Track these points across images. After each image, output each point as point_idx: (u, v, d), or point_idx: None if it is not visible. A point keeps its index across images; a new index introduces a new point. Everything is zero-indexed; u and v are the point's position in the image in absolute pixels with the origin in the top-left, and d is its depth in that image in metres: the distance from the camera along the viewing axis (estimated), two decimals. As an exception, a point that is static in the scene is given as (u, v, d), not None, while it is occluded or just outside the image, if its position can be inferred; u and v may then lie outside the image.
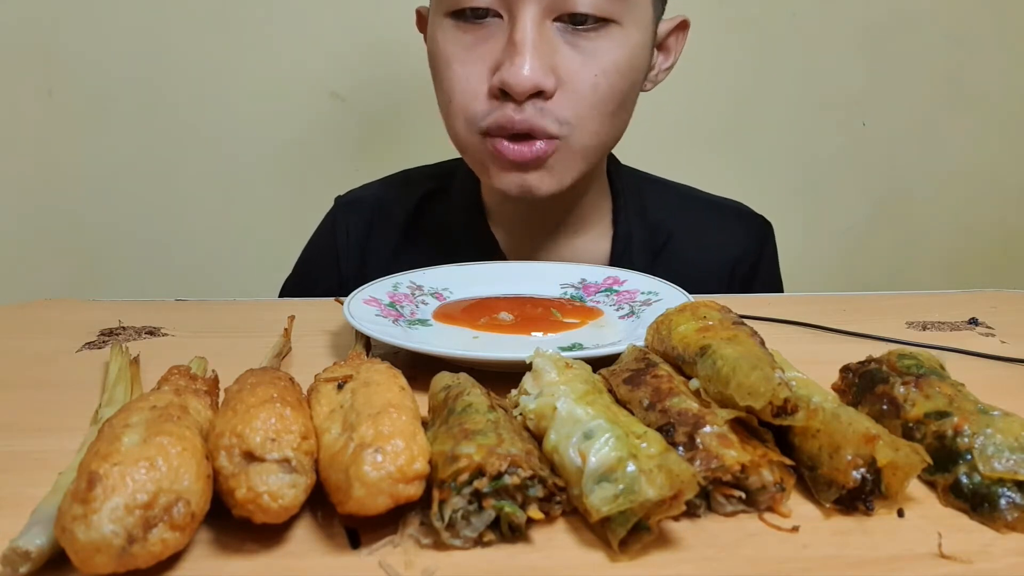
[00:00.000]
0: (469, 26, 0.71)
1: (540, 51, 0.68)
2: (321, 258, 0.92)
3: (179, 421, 0.35)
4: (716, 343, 0.43)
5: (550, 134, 0.70)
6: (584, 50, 0.70)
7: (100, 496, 0.30)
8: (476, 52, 0.71)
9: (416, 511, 0.35)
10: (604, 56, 0.70)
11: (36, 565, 0.32)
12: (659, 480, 0.33)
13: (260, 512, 0.33)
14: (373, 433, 0.34)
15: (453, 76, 0.72)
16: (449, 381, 0.44)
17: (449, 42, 0.72)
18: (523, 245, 0.85)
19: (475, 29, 0.71)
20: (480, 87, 0.71)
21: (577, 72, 0.69)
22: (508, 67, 0.67)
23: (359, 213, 0.90)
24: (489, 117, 0.71)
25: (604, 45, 0.70)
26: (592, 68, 0.70)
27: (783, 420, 0.38)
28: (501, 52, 0.69)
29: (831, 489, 0.37)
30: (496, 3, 0.69)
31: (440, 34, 0.73)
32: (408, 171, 0.96)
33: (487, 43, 0.70)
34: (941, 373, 0.45)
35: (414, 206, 0.90)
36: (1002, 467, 0.37)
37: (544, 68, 0.68)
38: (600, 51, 0.70)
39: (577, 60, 0.69)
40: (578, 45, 0.70)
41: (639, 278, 0.68)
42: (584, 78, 0.70)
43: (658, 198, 0.90)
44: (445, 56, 0.72)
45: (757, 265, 0.91)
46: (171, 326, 0.65)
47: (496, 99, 0.70)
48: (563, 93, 0.70)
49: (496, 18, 0.70)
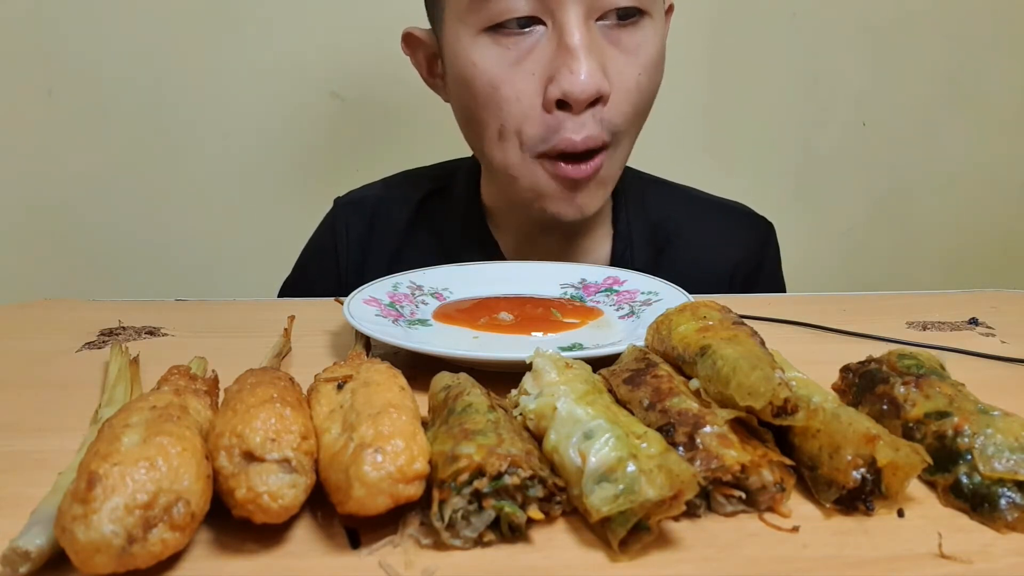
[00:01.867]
0: (511, 39, 0.67)
1: (594, 53, 0.65)
2: (320, 258, 0.91)
3: (179, 421, 0.35)
4: (716, 343, 0.43)
5: (605, 143, 0.69)
6: (626, 48, 0.68)
7: (100, 496, 0.30)
8: (523, 67, 0.67)
9: (416, 511, 0.35)
10: (643, 52, 0.69)
11: (36, 565, 0.32)
12: (659, 480, 0.33)
13: (260, 512, 0.33)
14: (373, 433, 0.34)
15: (503, 100, 0.68)
16: (449, 381, 0.44)
17: (491, 62, 0.67)
18: (523, 246, 0.85)
19: (517, 42, 0.67)
20: (533, 104, 0.67)
21: (623, 72, 0.68)
22: (567, 75, 0.64)
23: (359, 214, 0.90)
24: (548, 143, 0.68)
25: (641, 39, 0.69)
26: (635, 67, 0.69)
27: (783, 420, 0.38)
28: (550, 62, 0.66)
29: (831, 489, 0.37)
30: (538, 8, 0.66)
31: (477, 55, 0.68)
32: (408, 172, 0.95)
33: (533, 55, 0.67)
34: (941, 373, 0.45)
35: (414, 207, 0.89)
36: (1002, 467, 0.37)
37: (599, 70, 0.66)
38: (640, 47, 0.69)
39: (621, 60, 0.68)
40: (620, 43, 0.68)
41: (639, 278, 0.68)
42: (630, 78, 0.68)
43: (659, 199, 0.90)
44: (488, 78, 0.67)
45: (760, 267, 0.90)
46: (171, 326, 0.65)
47: (551, 114, 0.67)
48: (614, 96, 0.68)
49: (539, 26, 0.67)
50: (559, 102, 0.66)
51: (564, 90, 0.65)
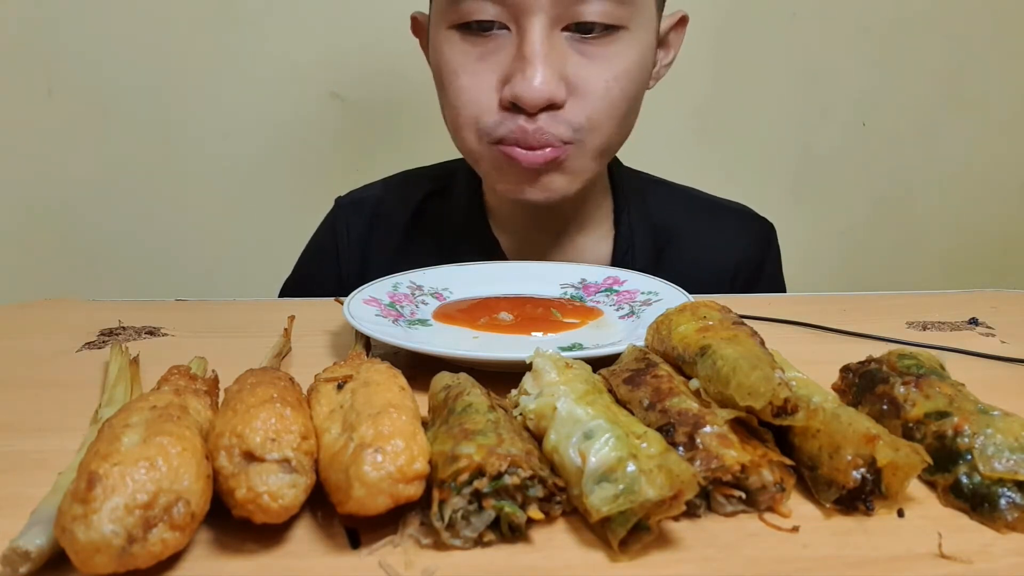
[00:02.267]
0: (476, 39, 0.70)
1: (551, 62, 0.67)
2: (321, 259, 0.91)
3: (179, 421, 0.35)
4: (716, 343, 0.43)
5: (564, 140, 0.70)
6: (594, 57, 0.69)
7: (100, 496, 0.30)
8: (484, 64, 0.70)
9: (416, 511, 0.35)
10: (615, 62, 0.69)
11: (36, 565, 0.32)
12: (659, 480, 0.33)
13: (260, 512, 0.33)
14: (373, 433, 0.34)
15: (461, 88, 0.71)
16: (449, 381, 0.44)
17: (456, 54, 0.71)
18: (524, 246, 0.85)
19: (482, 42, 0.69)
20: (490, 98, 0.70)
21: (588, 79, 0.69)
22: (520, 80, 0.66)
23: (360, 214, 0.90)
24: (501, 128, 0.70)
25: (614, 51, 0.69)
26: (604, 74, 0.69)
27: (783, 420, 0.38)
28: (510, 64, 0.68)
29: (831, 489, 0.37)
30: (503, 15, 0.68)
31: (446, 46, 0.71)
32: (408, 172, 0.95)
33: (495, 55, 0.69)
34: (941, 373, 0.45)
35: (415, 207, 0.89)
36: (1002, 467, 0.37)
37: (555, 79, 0.67)
38: (611, 57, 0.69)
39: (588, 67, 0.69)
40: (588, 53, 0.69)
41: (639, 278, 0.68)
42: (596, 85, 0.69)
43: (660, 199, 0.90)
44: (452, 68, 0.71)
45: (761, 268, 0.91)
46: (171, 326, 0.65)
47: (507, 111, 0.69)
48: (575, 100, 0.69)
49: (503, 30, 0.69)
50: (513, 104, 0.68)
51: (516, 93, 0.67)
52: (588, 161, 0.73)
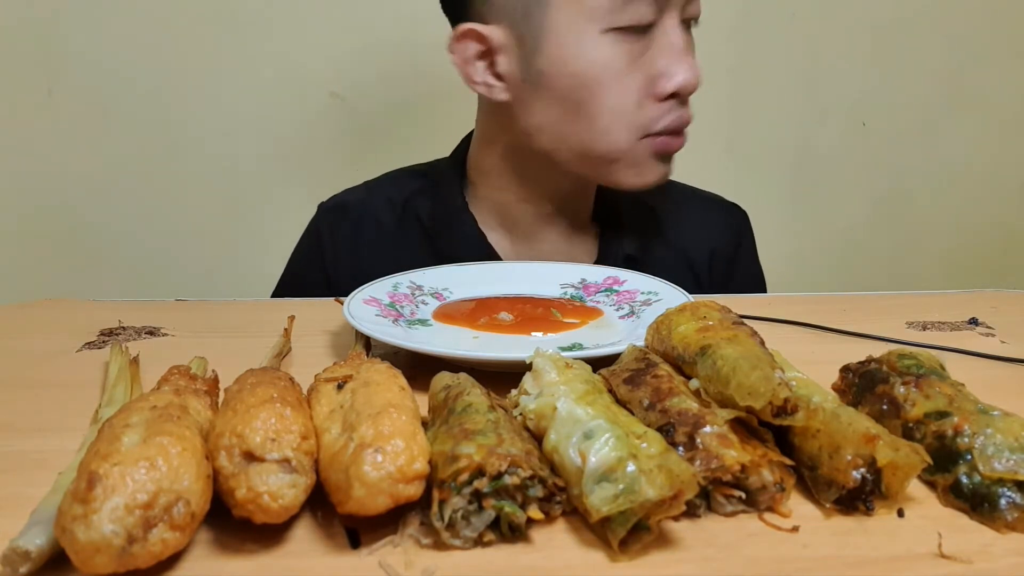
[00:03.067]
0: (634, 38, 0.75)
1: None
2: (308, 264, 0.92)
3: (179, 421, 0.35)
4: (716, 343, 0.43)
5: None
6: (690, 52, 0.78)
7: (100, 496, 0.30)
8: (639, 63, 0.75)
9: (416, 511, 0.35)
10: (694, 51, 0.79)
11: (36, 565, 0.32)
12: (659, 480, 0.33)
13: (260, 512, 0.33)
14: (373, 433, 0.34)
15: (622, 88, 0.75)
16: (449, 381, 0.44)
17: (613, 57, 0.75)
18: (511, 240, 0.86)
19: (638, 40, 0.75)
20: (645, 96, 0.75)
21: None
22: (684, 71, 0.74)
23: (344, 217, 0.91)
24: (663, 121, 0.76)
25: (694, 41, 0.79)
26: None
27: (783, 420, 0.38)
28: (660, 59, 0.75)
29: (831, 489, 0.37)
30: (655, 15, 0.74)
31: (598, 51, 0.75)
32: (390, 173, 0.96)
33: (647, 53, 0.75)
34: (941, 373, 0.45)
35: (401, 206, 0.90)
36: (1002, 467, 0.37)
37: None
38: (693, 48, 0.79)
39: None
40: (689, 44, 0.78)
41: (639, 278, 0.68)
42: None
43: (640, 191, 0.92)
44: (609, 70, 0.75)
45: (736, 253, 0.93)
46: (171, 326, 0.65)
47: (663, 103, 0.76)
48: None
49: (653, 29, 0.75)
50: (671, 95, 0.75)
51: (679, 84, 0.75)
52: None
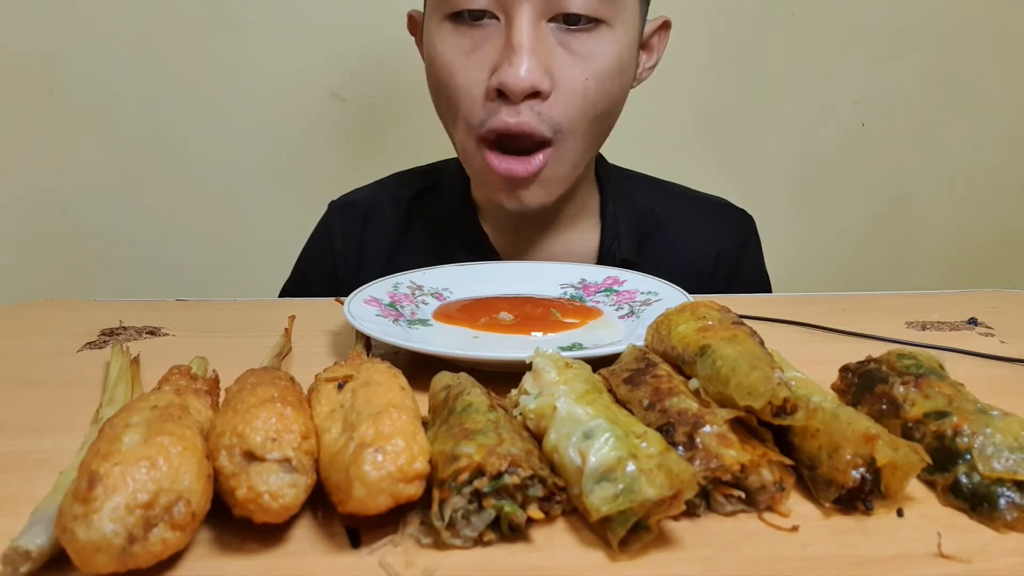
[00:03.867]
0: (467, 29, 0.72)
1: (537, 52, 0.69)
2: (318, 262, 0.92)
3: (180, 421, 0.35)
4: (716, 343, 0.43)
5: (545, 139, 0.71)
6: (577, 52, 0.71)
7: (101, 496, 0.30)
8: (474, 57, 0.71)
9: (416, 511, 0.35)
10: (595, 59, 0.71)
11: (36, 565, 0.32)
12: (659, 480, 0.33)
13: (260, 512, 0.33)
14: (373, 433, 0.34)
15: (455, 85, 0.73)
16: (449, 381, 0.44)
17: (448, 47, 0.73)
18: (513, 241, 0.86)
19: (473, 32, 0.71)
20: (479, 92, 0.72)
21: (569, 75, 0.71)
22: (506, 68, 0.68)
23: (353, 216, 0.91)
24: (486, 124, 0.71)
25: (595, 47, 0.71)
26: (583, 71, 0.71)
27: (783, 420, 0.38)
28: (499, 54, 0.70)
29: (831, 489, 0.37)
30: (492, 4, 0.70)
31: (438, 40, 0.73)
32: (398, 173, 0.97)
33: (485, 46, 0.71)
34: (941, 373, 0.45)
35: (405, 207, 0.91)
36: (1001, 467, 0.37)
37: (540, 68, 0.69)
38: (592, 54, 0.71)
39: (569, 62, 0.71)
40: (571, 47, 0.71)
41: (639, 278, 0.68)
42: (576, 81, 0.71)
43: (643, 194, 0.92)
44: (444, 63, 0.73)
45: (741, 257, 0.93)
46: (171, 326, 0.65)
47: (492, 101, 0.71)
48: (556, 95, 0.71)
49: (493, 20, 0.71)
50: (499, 92, 0.70)
51: (501, 80, 0.69)
52: (565, 172, 0.75)
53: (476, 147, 0.74)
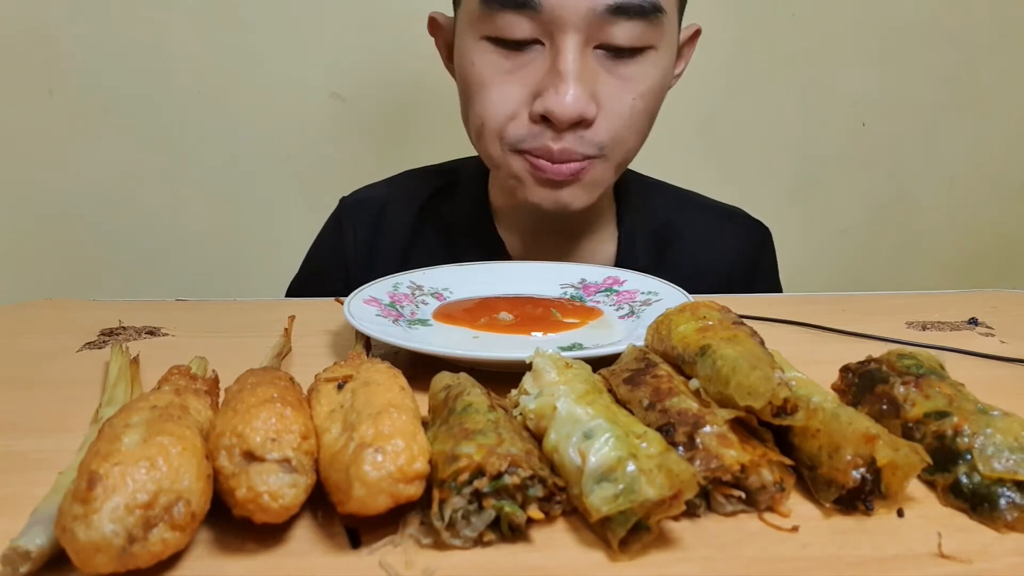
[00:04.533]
0: (509, 52, 0.70)
1: (583, 79, 0.67)
2: (328, 259, 0.91)
3: (179, 421, 0.35)
4: (716, 343, 0.43)
5: (588, 156, 0.71)
6: (623, 76, 0.70)
7: (100, 496, 0.30)
8: (515, 76, 0.70)
9: (416, 511, 0.35)
10: (641, 80, 0.71)
11: (36, 565, 0.32)
12: (659, 480, 0.33)
13: (260, 512, 0.33)
14: (373, 433, 0.34)
15: (489, 98, 0.71)
16: (449, 381, 0.44)
17: (487, 65, 0.70)
18: (530, 247, 0.85)
19: (515, 56, 0.70)
20: (520, 110, 0.70)
21: (616, 97, 0.70)
22: (553, 95, 0.67)
23: (366, 213, 0.90)
24: (527, 142, 0.70)
25: (641, 70, 0.71)
26: (631, 92, 0.70)
27: (783, 420, 0.38)
28: (543, 79, 0.68)
29: (831, 489, 0.37)
30: (538, 32, 0.68)
31: (477, 57, 0.71)
32: (412, 171, 0.95)
33: (527, 68, 0.69)
34: (941, 373, 0.45)
35: (420, 205, 0.89)
36: (1002, 467, 0.37)
37: (587, 96, 0.68)
38: (638, 76, 0.70)
39: (616, 85, 0.70)
40: (617, 72, 0.70)
41: (639, 278, 0.68)
42: (623, 102, 0.70)
43: (661, 201, 0.91)
44: (481, 78, 0.71)
45: (756, 270, 0.91)
46: (171, 326, 0.65)
47: (536, 124, 0.69)
48: (602, 118, 0.70)
49: (537, 45, 0.69)
50: (543, 117, 0.69)
51: (548, 108, 0.67)
52: (607, 176, 0.75)
53: (515, 156, 0.72)
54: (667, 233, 0.88)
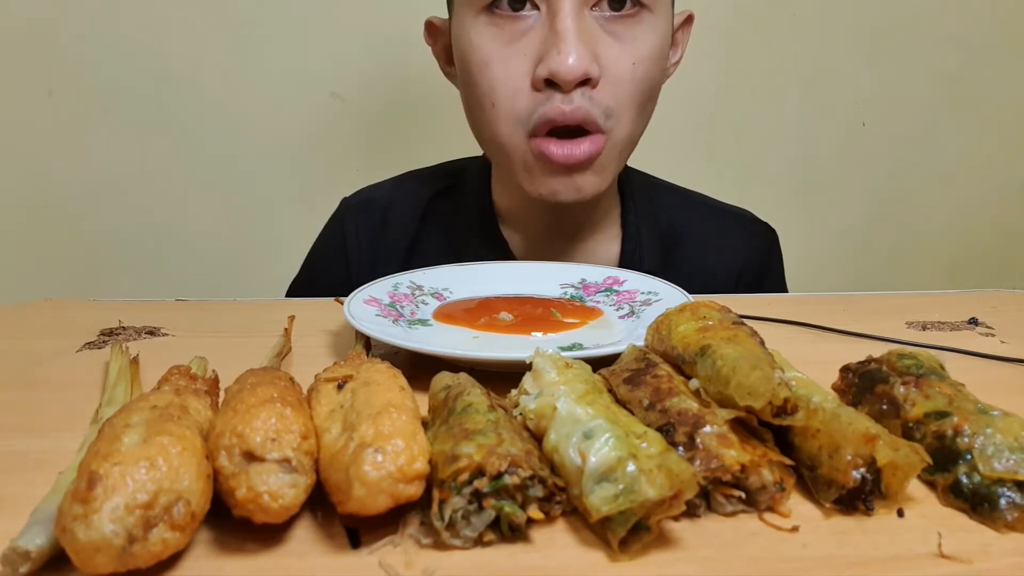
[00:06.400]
0: (505, 21, 0.70)
1: (583, 39, 0.68)
2: (330, 258, 0.90)
3: (179, 421, 0.35)
4: (716, 343, 0.43)
5: (598, 126, 0.71)
6: (621, 38, 0.71)
7: (100, 496, 0.30)
8: (515, 48, 0.70)
9: (416, 511, 0.35)
10: (640, 43, 0.71)
11: (36, 565, 0.32)
12: (659, 480, 0.33)
13: (260, 512, 0.33)
14: (373, 433, 0.34)
15: (494, 76, 0.71)
16: (449, 381, 0.44)
17: (485, 40, 0.71)
18: (534, 247, 0.84)
19: (512, 23, 0.70)
20: (523, 83, 0.70)
21: (617, 60, 0.70)
22: (555, 56, 0.67)
23: (369, 213, 0.89)
24: (536, 113, 0.70)
25: (639, 32, 0.71)
26: (630, 55, 0.71)
27: (783, 420, 0.38)
28: (542, 44, 0.69)
29: (831, 489, 0.37)
30: None
31: (474, 34, 0.72)
32: (416, 171, 0.95)
33: (526, 37, 0.70)
34: (941, 373, 0.45)
35: (424, 206, 0.88)
36: (1002, 467, 0.37)
37: (589, 55, 0.68)
38: (636, 38, 0.71)
39: (616, 48, 0.70)
40: (616, 33, 0.71)
41: (639, 278, 0.68)
42: (624, 66, 0.71)
43: (667, 202, 0.90)
44: (482, 56, 0.71)
45: (764, 273, 0.91)
46: (171, 326, 0.65)
47: (541, 92, 0.70)
48: (605, 81, 0.70)
49: (533, 11, 0.70)
50: (548, 81, 0.69)
51: (552, 70, 0.67)
52: (616, 157, 0.74)
53: (525, 139, 0.72)
54: (673, 234, 0.87)
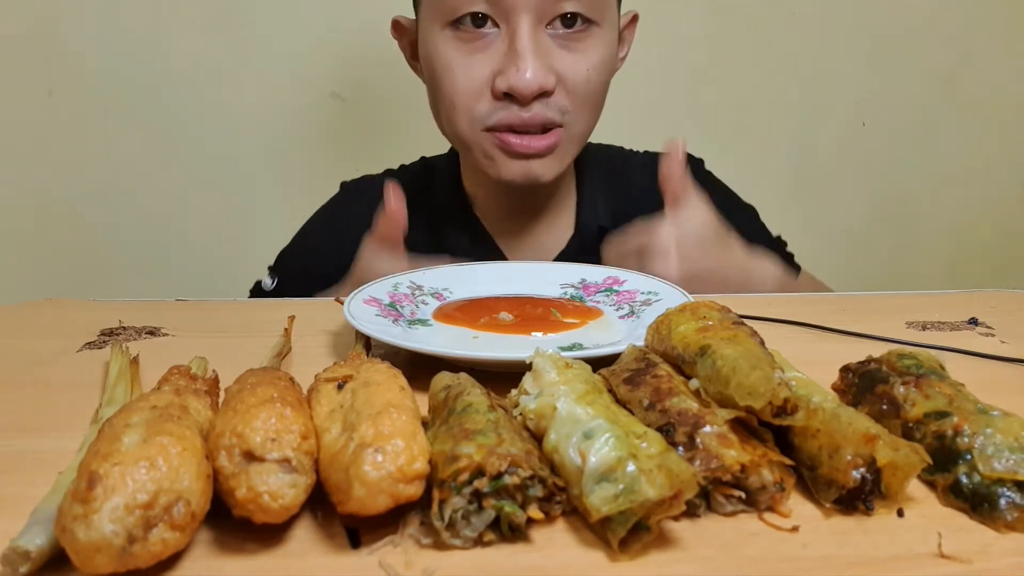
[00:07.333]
0: (468, 35, 0.76)
1: (539, 55, 0.75)
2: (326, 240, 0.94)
3: (179, 421, 0.35)
4: (716, 343, 0.43)
5: (556, 123, 0.77)
6: (575, 50, 0.78)
7: (100, 496, 0.30)
8: (476, 58, 0.77)
9: (416, 511, 0.35)
10: (592, 53, 0.79)
11: (36, 565, 0.32)
12: (659, 480, 0.33)
13: (260, 512, 0.33)
14: (373, 433, 0.34)
15: (456, 79, 0.77)
16: (449, 381, 0.44)
17: (450, 50, 0.77)
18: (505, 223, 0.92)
19: (474, 39, 0.76)
20: (484, 90, 0.76)
21: (573, 68, 0.78)
22: (513, 72, 0.74)
23: (361, 199, 0.93)
24: (495, 116, 0.77)
25: (590, 44, 0.79)
26: (584, 64, 0.78)
27: (783, 420, 0.38)
28: (501, 59, 0.75)
29: (831, 489, 0.37)
30: (493, 11, 0.75)
31: (440, 43, 0.78)
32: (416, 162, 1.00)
33: (488, 50, 0.76)
34: (941, 373, 0.45)
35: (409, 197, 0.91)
36: (1002, 467, 0.37)
37: (544, 70, 0.75)
38: (588, 49, 0.79)
39: (570, 58, 0.77)
40: (569, 47, 0.78)
41: (639, 278, 0.68)
42: (579, 73, 0.78)
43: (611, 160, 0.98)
44: (445, 62, 0.77)
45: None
46: (171, 326, 0.65)
47: (500, 100, 0.76)
48: (561, 88, 0.77)
49: (493, 28, 0.76)
50: (506, 94, 0.76)
51: (510, 84, 0.74)
52: (572, 147, 0.82)
53: (484, 135, 0.78)
54: (620, 187, 0.94)
